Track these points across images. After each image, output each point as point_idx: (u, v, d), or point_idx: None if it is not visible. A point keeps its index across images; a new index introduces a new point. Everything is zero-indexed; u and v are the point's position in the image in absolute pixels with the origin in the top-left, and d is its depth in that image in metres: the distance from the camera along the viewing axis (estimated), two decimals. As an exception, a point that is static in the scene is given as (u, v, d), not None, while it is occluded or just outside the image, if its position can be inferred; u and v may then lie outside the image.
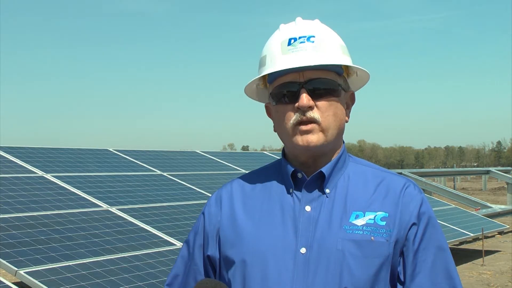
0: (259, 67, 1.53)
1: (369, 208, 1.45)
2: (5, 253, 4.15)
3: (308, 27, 1.48)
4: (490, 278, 7.71)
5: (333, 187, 1.48)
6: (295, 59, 1.44)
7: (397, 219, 1.44)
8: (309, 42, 1.45)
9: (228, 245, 1.49)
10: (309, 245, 1.41)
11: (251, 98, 1.61)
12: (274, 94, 1.48)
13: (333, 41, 1.49)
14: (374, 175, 1.52)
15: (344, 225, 1.43)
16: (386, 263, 1.42)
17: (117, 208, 5.66)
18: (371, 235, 1.41)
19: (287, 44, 1.46)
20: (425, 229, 1.46)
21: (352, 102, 1.56)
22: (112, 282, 4.10)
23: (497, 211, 11.90)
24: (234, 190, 1.57)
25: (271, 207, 1.49)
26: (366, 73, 1.54)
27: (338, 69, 1.49)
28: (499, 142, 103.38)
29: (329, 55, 1.46)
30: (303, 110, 1.43)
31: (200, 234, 1.56)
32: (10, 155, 6.41)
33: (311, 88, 1.44)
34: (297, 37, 1.46)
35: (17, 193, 5.38)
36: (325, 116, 1.44)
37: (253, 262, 1.44)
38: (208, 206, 1.58)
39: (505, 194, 16.00)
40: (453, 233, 8.33)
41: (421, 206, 1.47)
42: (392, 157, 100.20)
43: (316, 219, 1.44)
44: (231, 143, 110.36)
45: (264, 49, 1.52)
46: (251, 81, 1.54)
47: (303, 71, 1.44)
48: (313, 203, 1.46)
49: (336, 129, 1.47)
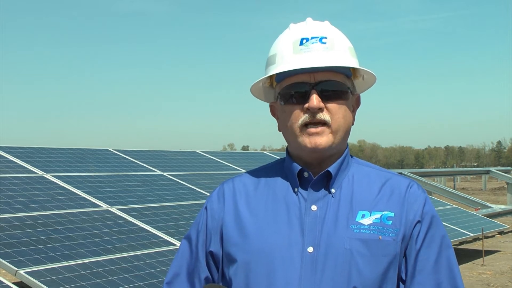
0: (267, 65, 1.51)
1: (375, 208, 1.45)
2: (5, 253, 4.15)
3: (319, 28, 1.48)
4: (490, 278, 7.71)
5: (338, 187, 1.48)
6: (308, 59, 1.43)
7: (403, 219, 1.44)
8: (321, 43, 1.45)
9: (231, 242, 1.48)
10: (316, 244, 1.41)
11: (256, 97, 1.60)
12: (282, 94, 1.47)
13: (344, 43, 1.49)
14: (378, 176, 1.52)
15: (351, 224, 1.43)
16: (394, 263, 1.42)
17: (117, 208, 5.66)
18: (379, 234, 1.42)
19: (299, 44, 1.45)
20: (428, 228, 1.46)
21: (357, 105, 1.56)
22: (112, 282, 4.09)
23: (497, 211, 11.90)
24: (236, 187, 1.55)
25: (276, 206, 1.48)
26: (373, 77, 1.54)
27: (347, 72, 1.49)
28: (499, 142, 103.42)
29: (341, 57, 1.45)
30: (312, 112, 1.42)
31: (203, 231, 1.54)
32: (10, 155, 6.41)
33: (321, 90, 1.43)
34: (309, 37, 1.45)
35: (17, 193, 5.38)
36: (335, 119, 1.44)
37: (258, 261, 1.43)
38: (210, 202, 1.56)
39: (505, 194, 15.99)
40: (453, 233, 8.34)
41: (424, 205, 1.47)
42: (392, 157, 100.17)
43: (322, 219, 1.43)
44: (231, 143, 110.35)
45: (273, 47, 1.51)
46: (258, 80, 1.52)
47: (314, 72, 1.44)
48: (319, 203, 1.45)
49: (344, 131, 1.47)
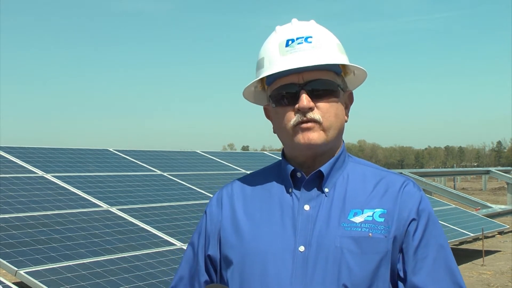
0: (257, 69, 1.52)
1: (368, 206, 1.45)
2: (5, 253, 4.15)
3: (304, 28, 1.48)
4: (490, 278, 7.71)
5: (332, 186, 1.48)
6: (294, 60, 1.43)
7: (396, 215, 1.44)
8: (307, 43, 1.45)
9: (228, 245, 1.50)
10: (307, 243, 1.42)
11: (249, 101, 1.60)
12: (273, 96, 1.48)
13: (330, 40, 1.49)
14: (373, 174, 1.52)
15: (342, 222, 1.43)
16: (385, 260, 1.42)
17: (117, 208, 5.66)
18: (369, 231, 1.42)
19: (285, 45, 1.46)
20: (426, 226, 1.46)
21: (350, 101, 1.56)
22: (112, 282, 4.09)
23: (497, 211, 11.91)
24: (234, 191, 1.57)
25: (270, 207, 1.49)
26: (363, 72, 1.54)
27: (336, 69, 1.49)
28: (499, 142, 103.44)
29: (328, 54, 1.45)
30: (303, 112, 1.43)
31: (203, 235, 1.57)
32: (10, 155, 6.40)
33: (310, 89, 1.43)
34: (294, 38, 1.46)
35: (17, 193, 5.38)
36: (327, 117, 1.44)
37: (252, 261, 1.44)
38: (210, 206, 1.59)
39: (505, 194, 15.98)
40: (453, 233, 8.33)
41: (420, 203, 1.47)
42: (392, 157, 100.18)
43: (314, 218, 1.44)
44: (231, 143, 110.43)
45: (261, 51, 1.52)
46: (249, 84, 1.53)
47: (302, 73, 1.44)
48: (312, 202, 1.46)
49: (337, 129, 1.47)
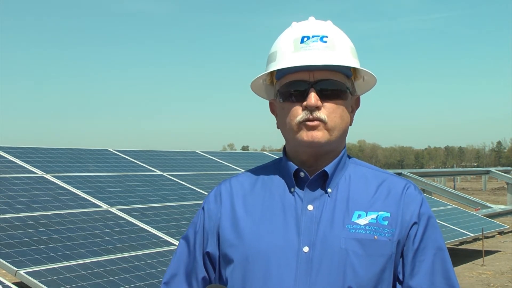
0: (268, 62, 1.52)
1: (371, 208, 1.45)
2: (5, 253, 4.15)
3: (321, 27, 1.48)
4: (490, 278, 7.71)
5: (334, 187, 1.48)
6: (307, 57, 1.43)
7: (399, 219, 1.44)
8: (322, 42, 1.45)
9: (228, 243, 1.48)
10: (312, 244, 1.41)
11: (256, 93, 1.60)
12: (282, 91, 1.48)
13: (345, 43, 1.49)
14: (375, 176, 1.52)
15: (346, 224, 1.42)
16: (389, 263, 1.42)
17: (117, 208, 5.66)
18: (374, 234, 1.42)
19: (300, 42, 1.45)
20: (425, 229, 1.46)
21: (357, 106, 1.56)
22: (112, 282, 4.09)
23: (497, 211, 11.90)
24: (233, 187, 1.55)
25: (272, 206, 1.48)
26: (373, 78, 1.54)
27: (347, 72, 1.49)
28: (499, 142, 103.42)
29: (341, 56, 1.45)
30: (310, 110, 1.42)
31: (200, 232, 1.55)
32: (10, 155, 6.41)
33: (319, 89, 1.43)
34: (310, 35, 1.46)
35: (17, 193, 5.38)
36: (332, 118, 1.44)
37: (254, 261, 1.43)
38: (207, 202, 1.57)
39: (505, 194, 15.99)
40: (453, 233, 8.33)
41: (421, 206, 1.47)
42: (392, 157, 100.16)
43: (318, 218, 1.43)
44: (231, 143, 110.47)
45: (274, 45, 1.51)
46: (258, 76, 1.53)
47: (313, 71, 1.44)
48: (316, 202, 1.45)
49: (341, 130, 1.47)
